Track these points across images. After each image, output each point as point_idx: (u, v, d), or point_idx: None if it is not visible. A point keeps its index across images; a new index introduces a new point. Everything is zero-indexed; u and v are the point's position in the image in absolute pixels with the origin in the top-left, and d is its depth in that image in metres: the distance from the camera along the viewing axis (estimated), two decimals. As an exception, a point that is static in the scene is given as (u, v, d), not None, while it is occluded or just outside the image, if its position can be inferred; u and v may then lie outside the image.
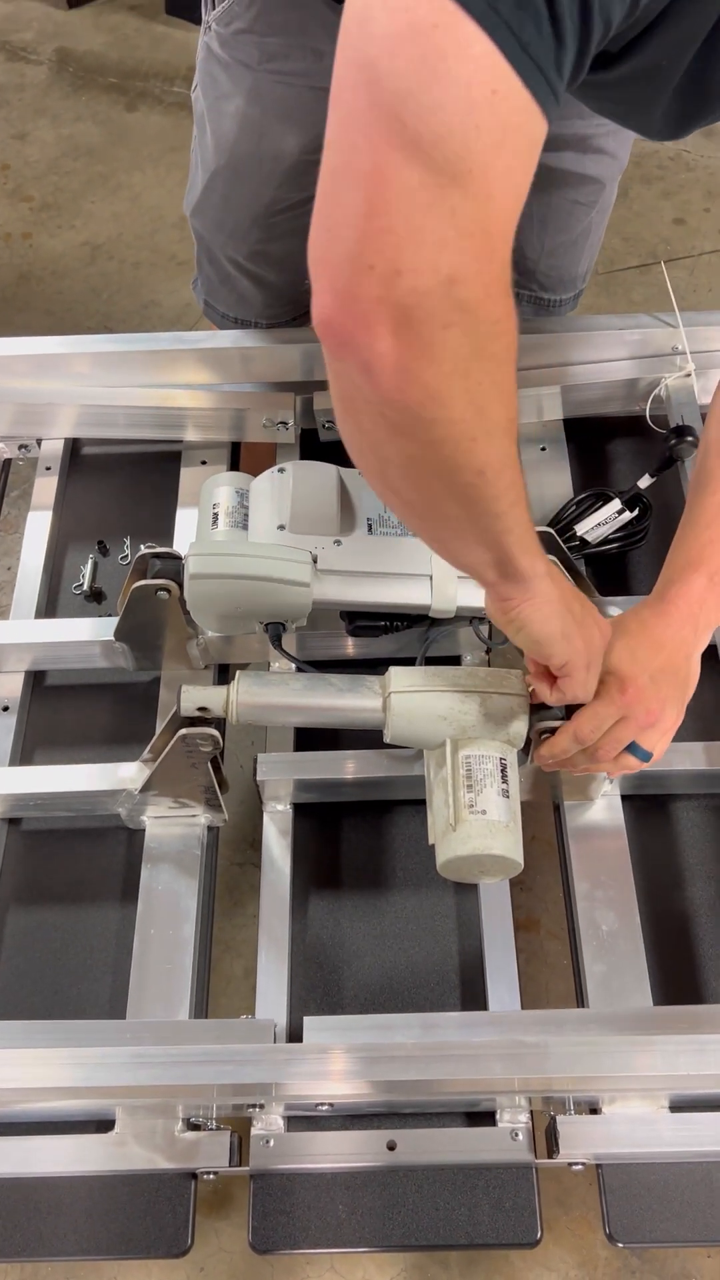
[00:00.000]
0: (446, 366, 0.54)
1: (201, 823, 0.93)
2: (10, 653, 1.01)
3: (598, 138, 1.07)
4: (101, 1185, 0.79)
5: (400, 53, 0.49)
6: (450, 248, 0.51)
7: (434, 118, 0.49)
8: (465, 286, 0.52)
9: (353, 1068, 0.74)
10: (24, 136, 2.57)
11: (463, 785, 0.79)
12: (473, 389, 0.56)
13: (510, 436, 0.60)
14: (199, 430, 1.13)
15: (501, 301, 0.55)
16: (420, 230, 0.50)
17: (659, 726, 0.80)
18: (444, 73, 0.48)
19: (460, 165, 0.50)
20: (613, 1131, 0.78)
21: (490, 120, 0.50)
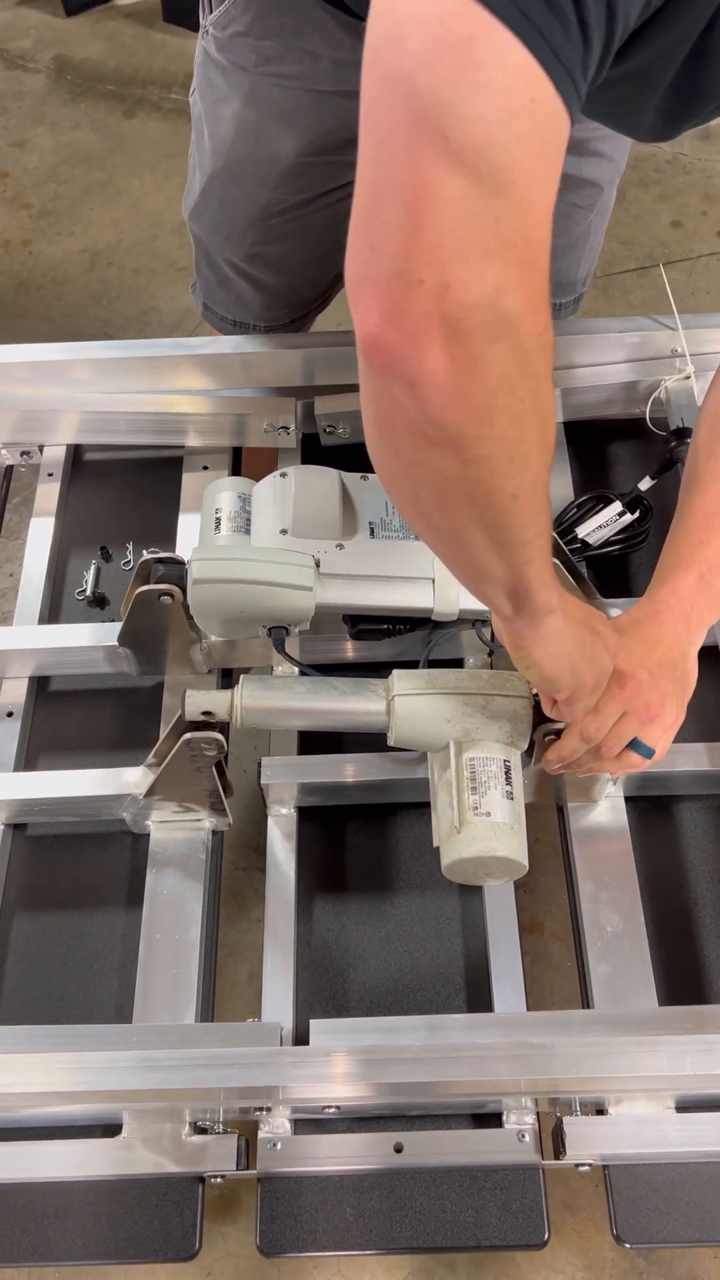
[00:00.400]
0: (493, 382, 0.53)
1: (206, 827, 0.93)
2: (14, 658, 1.02)
3: (595, 141, 1.08)
4: (109, 1189, 0.79)
5: (438, 65, 0.48)
6: (495, 258, 0.50)
7: (477, 129, 0.49)
8: (511, 298, 0.51)
9: (359, 1070, 0.75)
10: (23, 144, 2.57)
11: (467, 787, 0.79)
12: (516, 407, 0.55)
13: (544, 462, 0.60)
14: (200, 435, 1.13)
15: (544, 313, 0.54)
16: (467, 242, 0.50)
17: (660, 722, 0.81)
18: (484, 83, 0.48)
19: (504, 175, 0.50)
20: (619, 1132, 0.78)
21: (530, 128, 0.50)
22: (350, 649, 1.00)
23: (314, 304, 1.27)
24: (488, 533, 0.62)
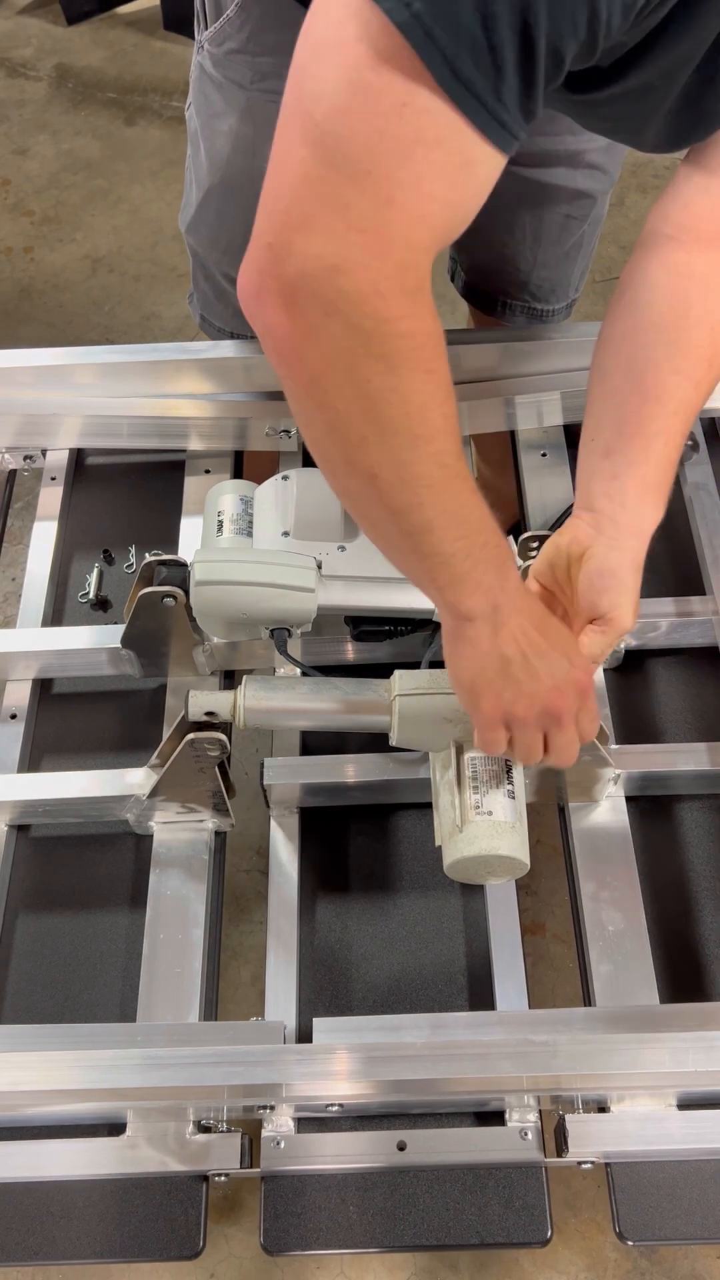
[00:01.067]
0: (329, 353, 0.59)
1: (209, 827, 0.93)
2: (17, 661, 1.02)
3: (589, 153, 1.09)
4: (113, 1188, 0.79)
5: (324, 60, 0.55)
6: (338, 239, 0.56)
7: (340, 119, 0.55)
8: (349, 278, 0.56)
9: (362, 1068, 0.75)
10: (24, 152, 2.59)
11: (469, 786, 0.80)
12: (360, 385, 0.60)
13: (422, 450, 0.63)
14: (202, 439, 1.14)
15: (395, 302, 0.58)
16: (311, 217, 0.56)
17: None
18: (359, 82, 0.54)
19: (359, 166, 0.55)
20: (621, 1130, 0.78)
21: (398, 129, 0.55)
22: (352, 650, 1.00)
23: None
24: (373, 502, 0.66)
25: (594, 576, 0.79)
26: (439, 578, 0.69)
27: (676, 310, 0.80)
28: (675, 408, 0.80)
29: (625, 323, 0.82)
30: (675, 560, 1.08)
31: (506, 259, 1.20)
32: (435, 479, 0.65)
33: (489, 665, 0.71)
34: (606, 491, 0.81)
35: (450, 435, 0.65)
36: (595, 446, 0.82)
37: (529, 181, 1.10)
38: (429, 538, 0.67)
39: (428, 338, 0.62)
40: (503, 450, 1.21)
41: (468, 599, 0.69)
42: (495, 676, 0.71)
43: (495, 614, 0.70)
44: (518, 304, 1.25)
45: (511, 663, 0.71)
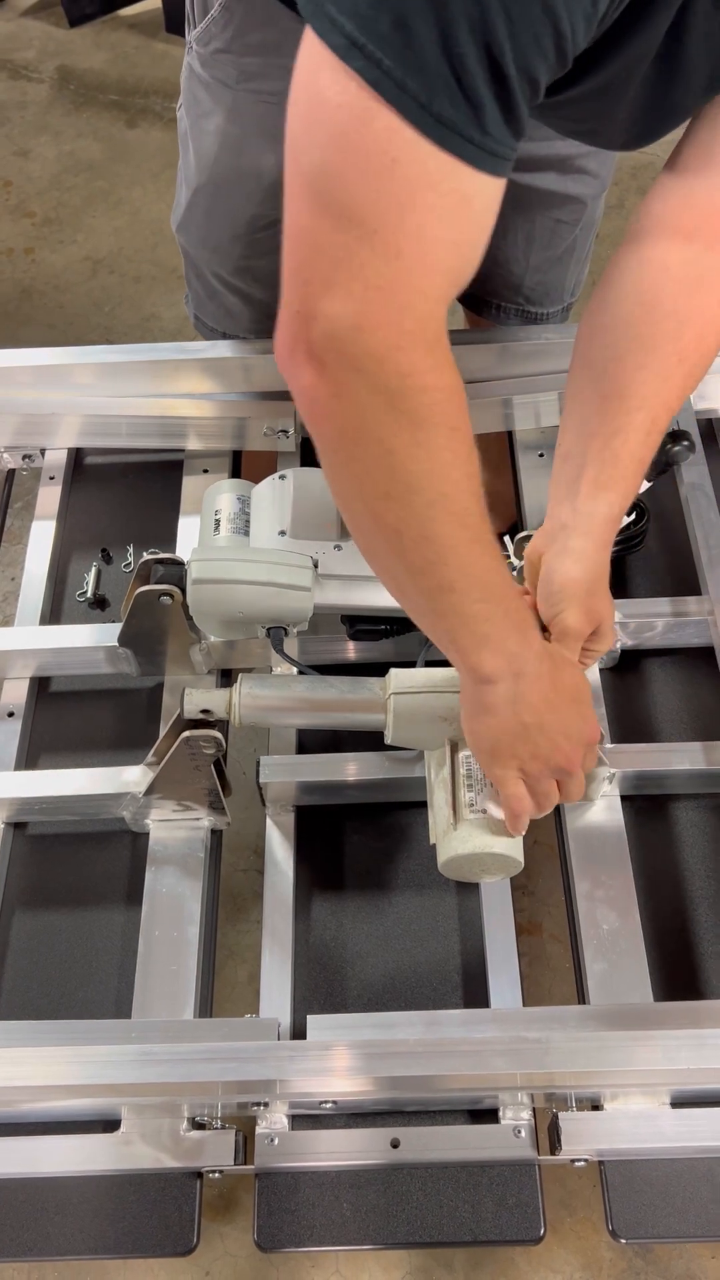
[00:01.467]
0: (354, 411, 0.61)
1: (205, 826, 0.94)
2: (15, 659, 1.03)
3: (579, 158, 1.09)
4: (108, 1184, 0.79)
5: (313, 130, 0.57)
6: (357, 299, 0.58)
7: (338, 184, 0.57)
8: (371, 336, 0.58)
9: (356, 1064, 0.75)
10: (26, 153, 2.59)
11: (463, 785, 0.80)
12: (385, 441, 0.62)
13: (445, 509, 0.64)
14: (200, 439, 1.14)
15: (417, 356, 0.60)
16: (332, 282, 0.58)
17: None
18: (347, 145, 0.56)
19: (365, 226, 0.57)
20: (615, 1128, 0.79)
21: (393, 185, 0.56)
22: (349, 649, 1.01)
23: None
24: (396, 560, 0.67)
25: (541, 586, 0.81)
26: (460, 639, 0.69)
27: (645, 304, 0.78)
28: (637, 404, 0.78)
29: (595, 319, 0.81)
30: (671, 560, 1.08)
31: (499, 263, 1.21)
32: (457, 539, 0.66)
33: (509, 729, 0.73)
34: (561, 495, 0.81)
35: (473, 496, 0.65)
36: (559, 450, 0.82)
37: (518, 186, 1.11)
38: (450, 597, 0.67)
39: (451, 393, 0.62)
40: (500, 451, 1.21)
41: (489, 662, 0.70)
42: (514, 740, 0.73)
43: (517, 680, 0.71)
44: (512, 307, 1.26)
45: (530, 728, 0.72)
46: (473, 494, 0.66)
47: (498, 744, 0.74)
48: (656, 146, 0.82)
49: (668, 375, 0.79)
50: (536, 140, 1.06)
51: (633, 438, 0.79)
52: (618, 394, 0.79)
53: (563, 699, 0.74)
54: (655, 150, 2.80)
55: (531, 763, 0.74)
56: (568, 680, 0.75)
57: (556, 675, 0.74)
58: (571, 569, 0.79)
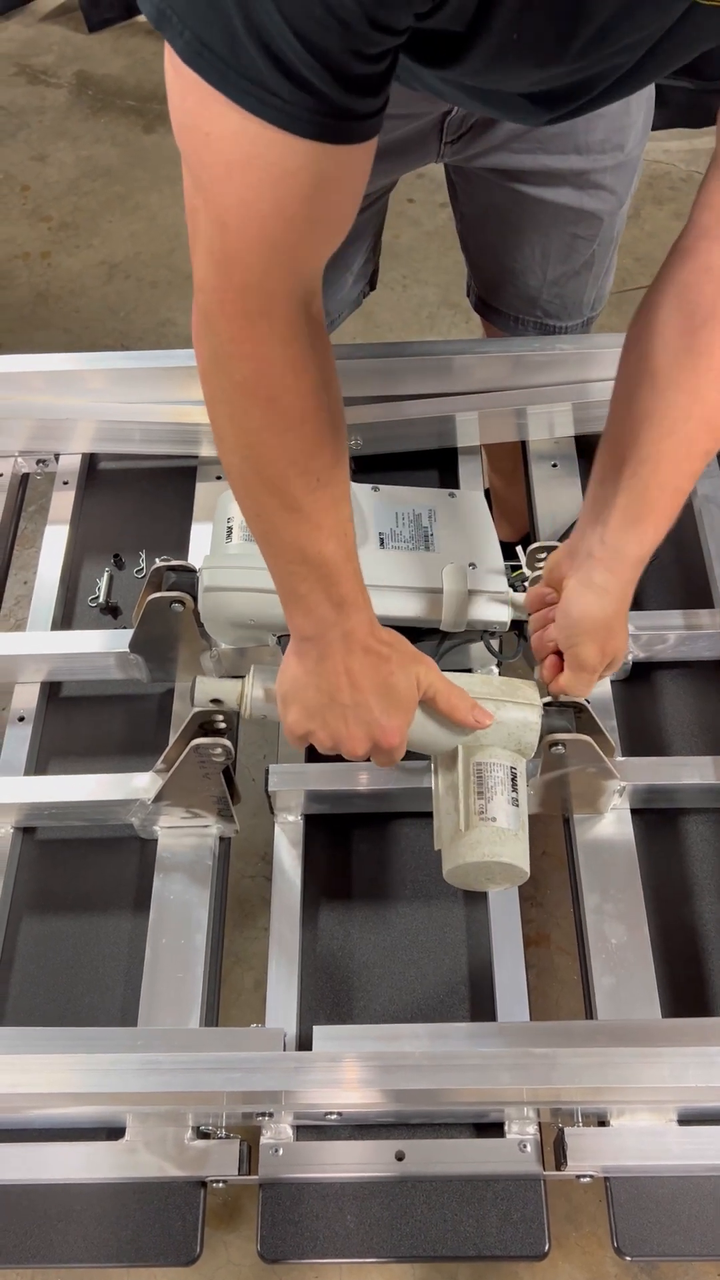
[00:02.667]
0: (203, 358, 0.66)
1: (213, 833, 0.94)
2: (27, 664, 1.03)
3: (595, 173, 1.09)
4: (112, 1192, 0.79)
5: (169, 101, 0.60)
6: (201, 264, 0.62)
7: (185, 154, 0.60)
8: (204, 295, 0.63)
9: (362, 1076, 0.75)
10: (44, 158, 2.61)
11: (474, 791, 0.80)
12: (214, 394, 0.67)
13: (259, 475, 0.68)
14: (214, 446, 1.14)
15: (234, 324, 0.62)
16: (193, 245, 0.63)
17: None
18: (179, 118, 0.59)
19: (204, 195, 0.60)
20: (621, 1144, 0.78)
21: (211, 157, 0.58)
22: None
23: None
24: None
25: (561, 611, 0.81)
26: (280, 591, 0.74)
27: (686, 311, 0.73)
28: (669, 428, 0.74)
29: (634, 327, 0.78)
30: (684, 573, 1.08)
31: (516, 275, 1.21)
32: (267, 505, 0.70)
33: (305, 686, 0.75)
34: (592, 518, 0.80)
35: (291, 464, 0.67)
36: (595, 467, 0.81)
37: (535, 200, 1.10)
38: (268, 551, 0.72)
39: (268, 365, 0.64)
40: (514, 461, 1.21)
41: (299, 621, 0.74)
42: (308, 699, 0.76)
43: (322, 644, 0.74)
44: (530, 320, 1.25)
45: (322, 695, 0.75)
46: (291, 463, 0.67)
47: (289, 693, 0.76)
48: (675, 156, 0.81)
49: (703, 393, 0.74)
50: (552, 153, 1.06)
51: (664, 466, 0.76)
52: (647, 415, 0.75)
53: (368, 689, 0.74)
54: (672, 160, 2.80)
55: (318, 733, 0.76)
56: (383, 677, 0.75)
57: (372, 666, 0.74)
58: (592, 606, 0.80)
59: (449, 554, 0.95)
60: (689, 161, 2.47)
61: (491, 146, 1.06)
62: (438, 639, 0.95)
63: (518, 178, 1.09)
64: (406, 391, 1.11)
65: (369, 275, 1.31)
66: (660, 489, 0.77)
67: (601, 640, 0.81)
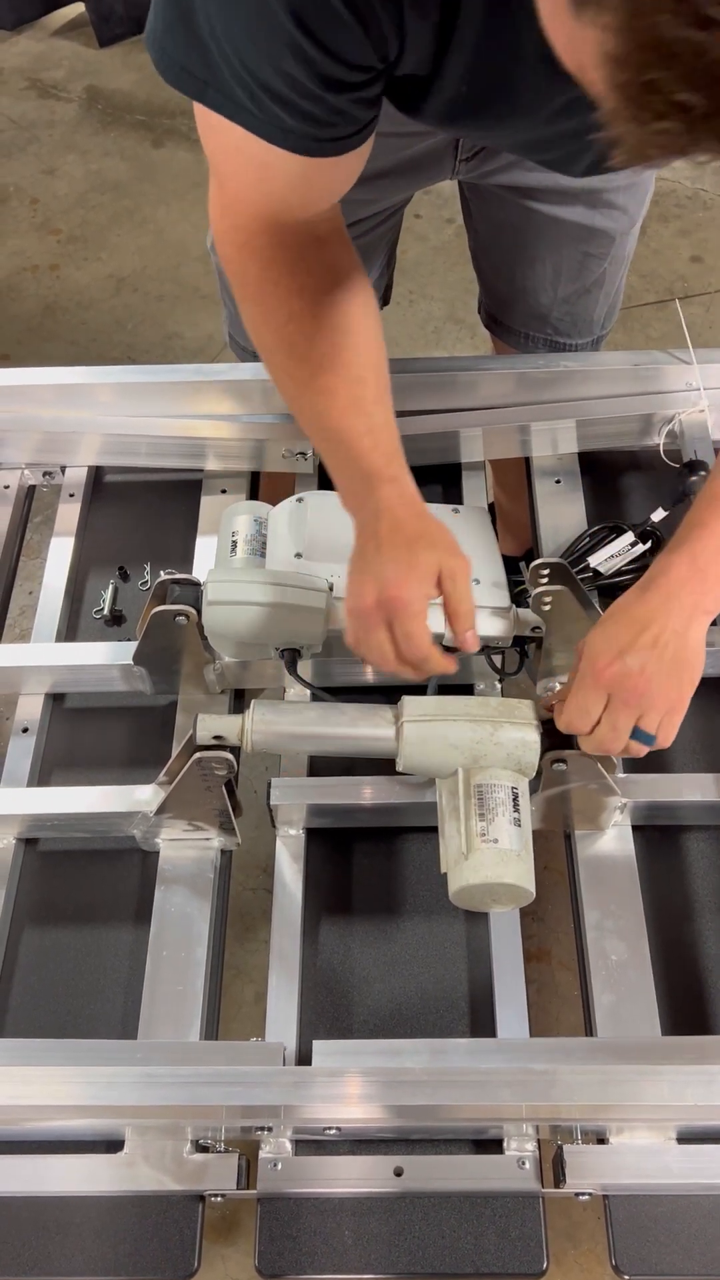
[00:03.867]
0: (230, 270, 0.87)
1: (215, 846, 0.94)
2: (31, 675, 1.03)
3: (608, 193, 1.10)
4: (110, 1205, 0.79)
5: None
6: (212, 206, 0.86)
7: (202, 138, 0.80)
8: (214, 227, 0.86)
9: (361, 1091, 0.75)
10: (53, 171, 2.62)
11: (475, 814, 0.80)
12: (239, 292, 0.87)
13: (273, 362, 0.87)
14: (219, 460, 1.15)
15: (227, 249, 0.85)
16: (210, 195, 0.86)
17: (654, 706, 0.79)
18: (201, 126, 0.78)
19: (212, 164, 0.82)
20: (620, 1162, 0.78)
21: (214, 144, 0.79)
22: (361, 671, 1.01)
23: None
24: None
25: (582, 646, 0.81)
26: (326, 464, 0.86)
27: None
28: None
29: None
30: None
31: (528, 292, 1.22)
32: (286, 385, 0.86)
33: (356, 558, 0.81)
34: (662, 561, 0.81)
35: (290, 353, 0.84)
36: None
37: (547, 217, 1.11)
38: (301, 426, 0.88)
39: (252, 279, 0.85)
40: (518, 476, 1.22)
41: (342, 495, 0.85)
42: (355, 567, 0.81)
43: (360, 518, 0.82)
44: (540, 337, 1.26)
45: (365, 553, 0.80)
46: (290, 352, 0.84)
47: (350, 573, 0.82)
48: (679, 173, 0.84)
49: None
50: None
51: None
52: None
53: (388, 553, 0.79)
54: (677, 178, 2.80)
55: (363, 596, 0.79)
56: (406, 543, 0.79)
57: (405, 515, 0.80)
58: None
59: (452, 569, 0.95)
60: (694, 179, 2.48)
61: (506, 164, 1.07)
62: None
63: (531, 195, 1.10)
64: (411, 407, 1.12)
65: (383, 290, 1.32)
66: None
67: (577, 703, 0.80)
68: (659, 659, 0.78)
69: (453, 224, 2.34)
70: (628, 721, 0.80)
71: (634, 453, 1.17)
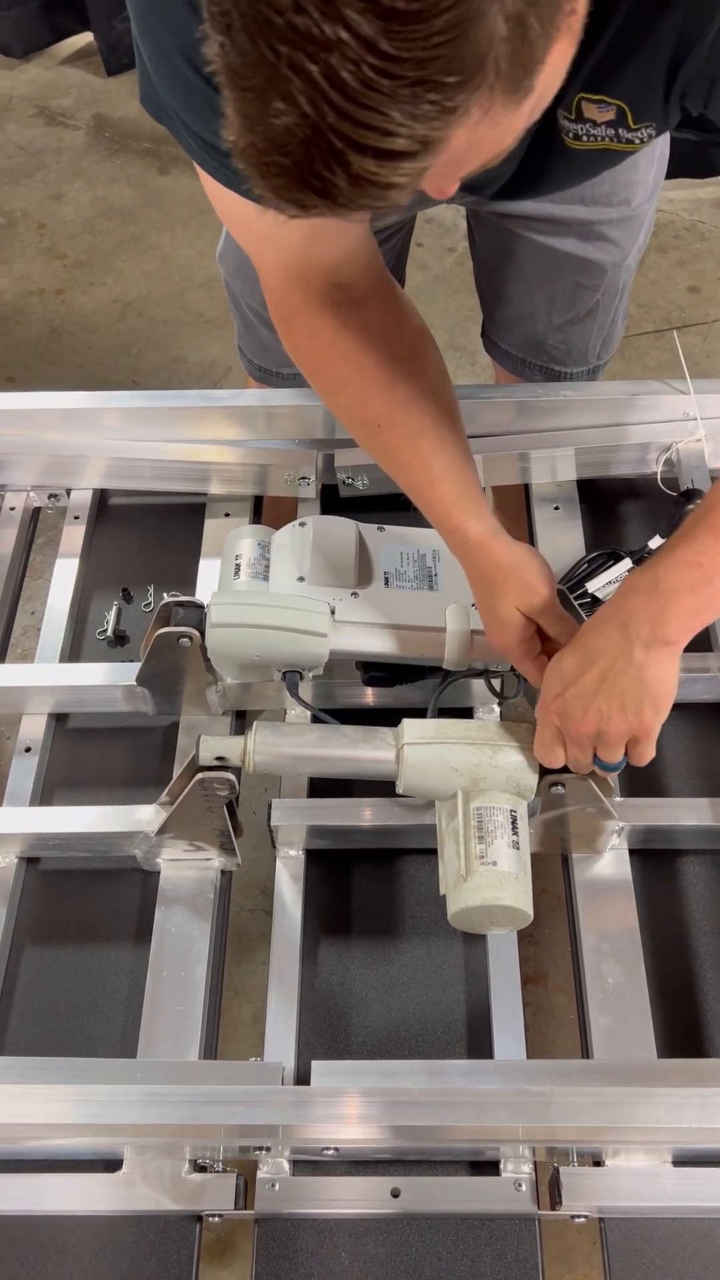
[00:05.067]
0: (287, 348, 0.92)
1: (215, 866, 0.95)
2: (34, 695, 1.04)
3: (600, 225, 1.12)
4: (107, 1225, 0.79)
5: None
6: (264, 292, 0.91)
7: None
8: (272, 311, 0.90)
9: (359, 1112, 0.75)
10: (60, 197, 2.66)
11: (474, 836, 0.81)
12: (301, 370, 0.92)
13: (342, 424, 0.91)
14: (223, 484, 1.16)
15: (281, 328, 0.90)
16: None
17: (607, 741, 0.78)
18: (212, 200, 0.86)
19: (240, 243, 0.91)
20: (616, 1185, 0.78)
21: (230, 218, 0.86)
22: (362, 694, 1.02)
23: None
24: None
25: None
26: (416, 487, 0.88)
27: None
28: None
29: None
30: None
31: (524, 319, 1.24)
32: (363, 445, 0.91)
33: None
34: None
35: (349, 418, 0.89)
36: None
37: (541, 246, 1.14)
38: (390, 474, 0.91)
39: (302, 352, 0.89)
40: (518, 500, 1.23)
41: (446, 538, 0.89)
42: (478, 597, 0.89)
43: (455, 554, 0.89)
44: (536, 364, 1.28)
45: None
46: (347, 415, 0.89)
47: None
48: (678, 205, 0.86)
49: None
50: (559, 203, 1.09)
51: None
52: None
53: (482, 588, 0.86)
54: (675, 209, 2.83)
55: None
56: (486, 590, 0.85)
57: (478, 577, 0.86)
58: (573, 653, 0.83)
59: (452, 594, 0.96)
60: (691, 210, 2.52)
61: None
62: (440, 676, 0.97)
63: (526, 224, 1.13)
64: (413, 434, 1.13)
65: None
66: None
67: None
68: (608, 694, 0.77)
69: (454, 253, 2.37)
70: (585, 755, 0.81)
71: (632, 480, 1.19)
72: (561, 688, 0.79)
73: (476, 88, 0.47)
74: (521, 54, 0.47)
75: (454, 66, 0.45)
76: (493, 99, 0.48)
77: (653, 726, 0.79)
